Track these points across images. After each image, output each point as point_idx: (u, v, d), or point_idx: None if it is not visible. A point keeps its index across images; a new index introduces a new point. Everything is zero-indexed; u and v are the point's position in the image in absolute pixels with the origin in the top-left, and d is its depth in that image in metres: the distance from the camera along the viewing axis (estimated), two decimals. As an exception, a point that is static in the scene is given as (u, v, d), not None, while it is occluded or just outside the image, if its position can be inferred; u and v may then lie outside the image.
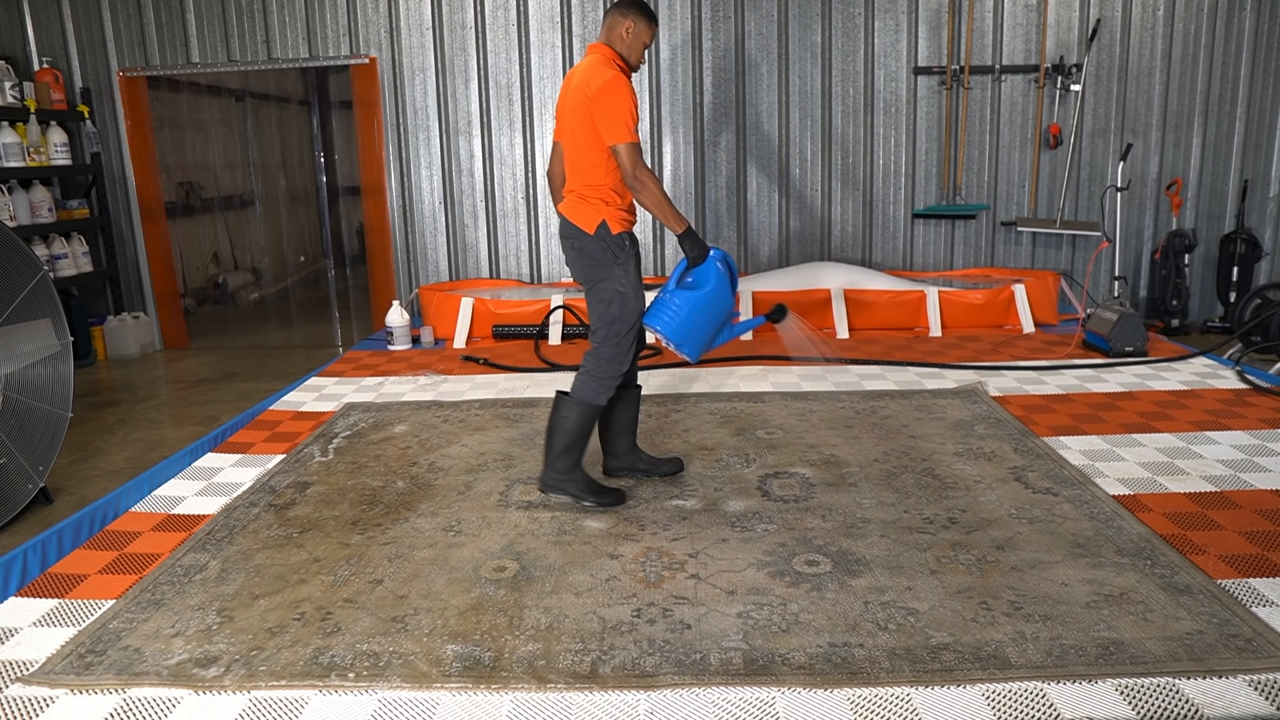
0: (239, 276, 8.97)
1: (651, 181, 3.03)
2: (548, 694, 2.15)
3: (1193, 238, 6.35)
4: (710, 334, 3.23)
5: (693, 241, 3.12)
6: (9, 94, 6.01)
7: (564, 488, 3.22)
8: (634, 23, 3.17)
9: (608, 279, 3.15)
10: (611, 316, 3.16)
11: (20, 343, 3.61)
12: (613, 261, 3.14)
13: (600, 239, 3.12)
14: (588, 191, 3.13)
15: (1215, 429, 3.85)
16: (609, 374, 3.19)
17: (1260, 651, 2.20)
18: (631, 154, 3.01)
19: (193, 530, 3.17)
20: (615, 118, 3.01)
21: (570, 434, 3.18)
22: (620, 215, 3.16)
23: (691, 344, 3.19)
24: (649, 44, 3.26)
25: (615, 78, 3.04)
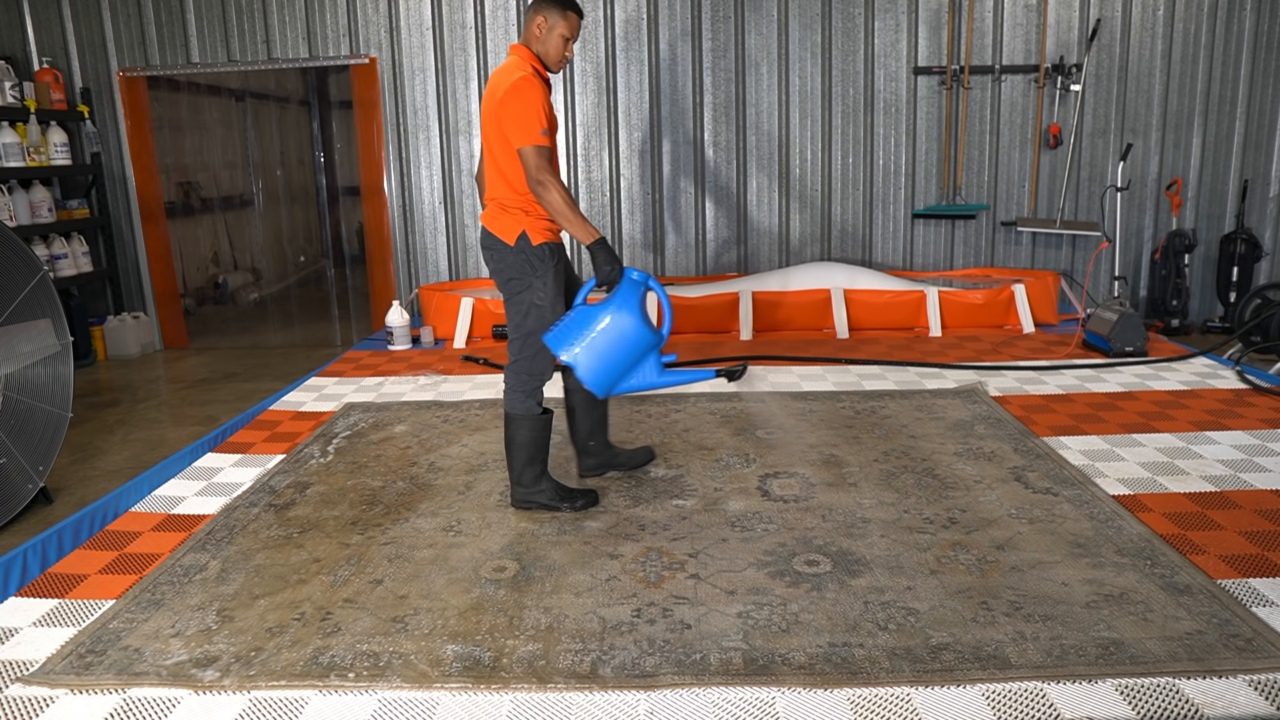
0: (239, 276, 8.96)
1: (556, 186, 2.86)
2: (548, 694, 2.15)
3: (1193, 238, 6.35)
4: (621, 367, 2.87)
5: (605, 255, 2.91)
6: (9, 94, 6.01)
7: (535, 499, 3.18)
8: (545, 17, 3.01)
9: (526, 291, 3.05)
10: (527, 329, 3.08)
11: (20, 343, 3.61)
12: (531, 274, 3.03)
13: (520, 250, 3.01)
14: (508, 201, 3.04)
15: (1215, 429, 3.85)
16: (530, 384, 3.13)
17: (1260, 651, 2.20)
18: (536, 157, 2.87)
19: (193, 530, 3.17)
20: (521, 120, 2.89)
21: (525, 447, 3.14)
22: (543, 224, 3.04)
23: (594, 374, 2.83)
24: (570, 37, 3.06)
25: (522, 79, 2.93)
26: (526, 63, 3.03)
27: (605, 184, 6.74)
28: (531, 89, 2.92)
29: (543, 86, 2.99)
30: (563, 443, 3.66)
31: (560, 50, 3.07)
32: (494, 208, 3.08)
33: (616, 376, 2.89)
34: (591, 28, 6.52)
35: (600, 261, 2.92)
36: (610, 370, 2.87)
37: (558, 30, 3.04)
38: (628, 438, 3.93)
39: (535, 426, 3.14)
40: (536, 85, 2.95)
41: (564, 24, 3.04)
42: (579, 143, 6.68)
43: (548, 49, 3.06)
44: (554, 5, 3.02)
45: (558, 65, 3.10)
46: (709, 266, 6.84)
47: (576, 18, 3.08)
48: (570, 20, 3.05)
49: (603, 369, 2.85)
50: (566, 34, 3.05)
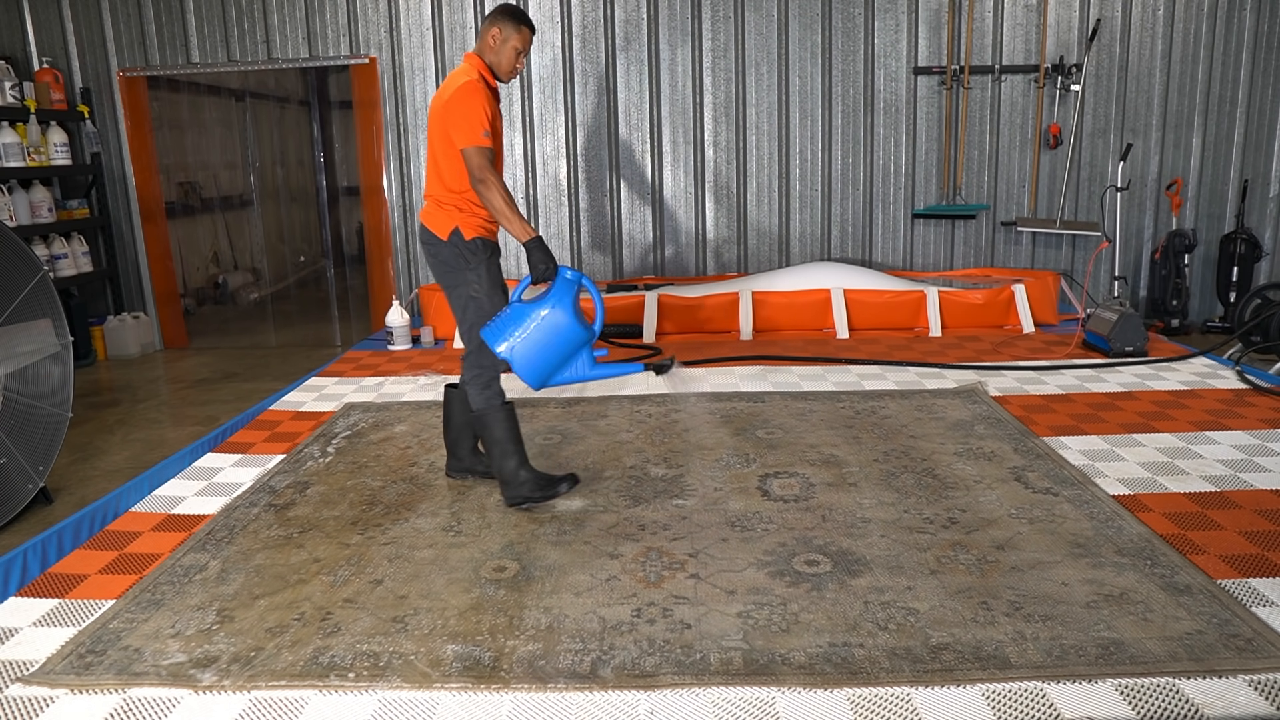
0: (239, 276, 8.97)
1: (497, 186, 2.98)
2: (548, 694, 2.15)
3: (1193, 238, 6.35)
4: (554, 362, 3.00)
5: (541, 254, 3.02)
6: (9, 94, 6.01)
7: (522, 492, 3.24)
8: (500, 29, 3.14)
9: (462, 285, 3.18)
10: (469, 322, 3.20)
11: (20, 343, 3.61)
12: (465, 267, 3.15)
13: (453, 244, 3.14)
14: (444, 198, 3.15)
15: (1215, 429, 3.85)
16: (485, 376, 3.23)
17: (1260, 651, 2.20)
18: (478, 157, 2.98)
19: (193, 530, 3.17)
20: (465, 122, 3.00)
21: (500, 442, 3.22)
22: (477, 221, 3.15)
23: (528, 368, 2.97)
24: (522, 50, 3.19)
25: (469, 84, 3.04)
26: (476, 70, 3.14)
27: (605, 184, 6.74)
28: (477, 94, 3.04)
29: (489, 93, 3.12)
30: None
31: (512, 62, 3.20)
32: (431, 204, 3.20)
33: (551, 370, 3.03)
34: (592, 28, 6.52)
35: (535, 260, 3.02)
36: (545, 364, 3.00)
37: (511, 43, 3.17)
38: (628, 437, 3.93)
39: (504, 418, 3.22)
40: (483, 91, 3.07)
41: (518, 37, 3.17)
42: (579, 142, 6.68)
43: (500, 59, 3.18)
44: (510, 19, 3.16)
45: (508, 75, 3.23)
46: (709, 266, 6.84)
47: (529, 32, 3.22)
48: (524, 34, 3.19)
49: (538, 362, 2.99)
50: (519, 47, 3.19)
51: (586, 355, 3.07)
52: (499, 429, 3.21)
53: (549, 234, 6.81)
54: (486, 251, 3.18)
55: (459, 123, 3.01)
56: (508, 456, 3.22)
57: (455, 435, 3.50)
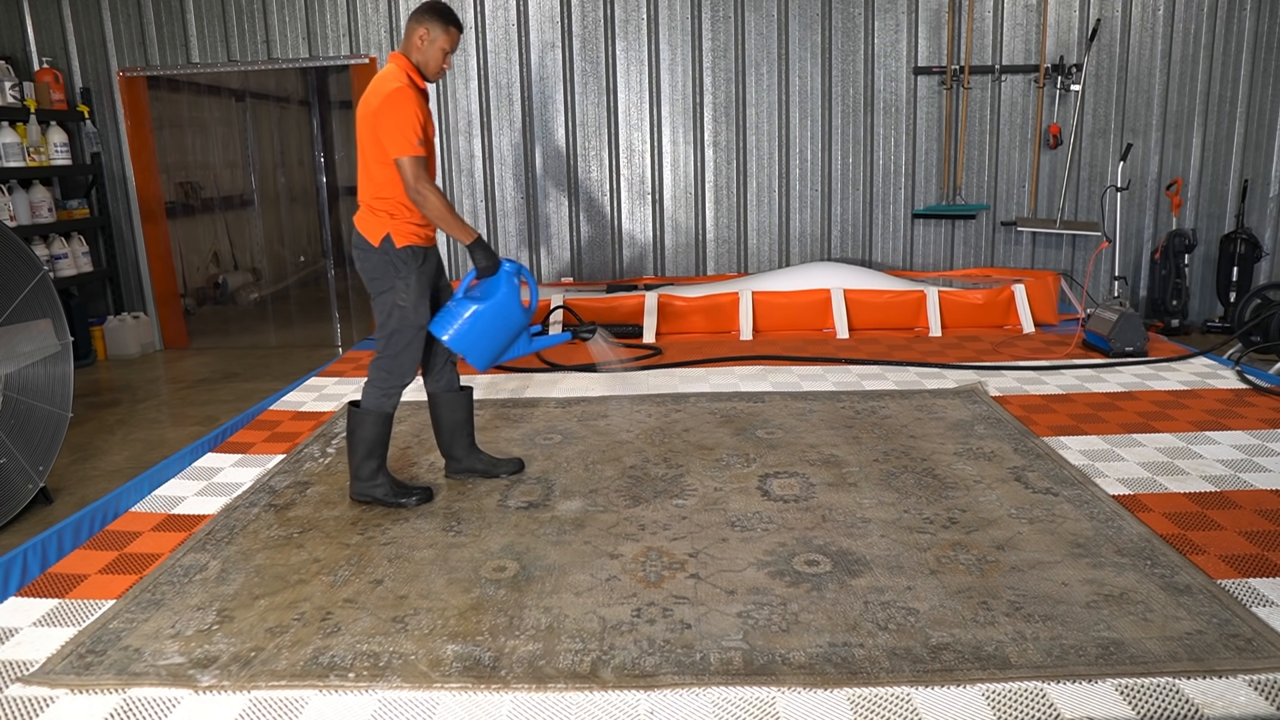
0: (239, 276, 8.97)
1: (433, 194, 3.00)
2: (548, 694, 2.15)
3: (1193, 238, 6.35)
4: (499, 345, 3.24)
5: (483, 253, 3.14)
6: (9, 94, 6.01)
7: (372, 494, 3.27)
8: (428, 29, 3.10)
9: (389, 291, 3.17)
10: (390, 329, 3.19)
11: (20, 343, 3.61)
12: (394, 275, 3.15)
13: (384, 252, 3.13)
14: (376, 204, 3.14)
15: (1215, 429, 3.85)
16: (389, 383, 3.24)
17: (1260, 651, 2.20)
18: (413, 167, 2.98)
19: (193, 530, 3.17)
20: (397, 131, 2.98)
21: (367, 442, 3.24)
22: (410, 228, 3.13)
23: (475, 353, 3.19)
24: (450, 50, 3.16)
25: (399, 90, 3.01)
26: (404, 72, 3.11)
27: (605, 183, 6.74)
28: (407, 99, 3.02)
29: (419, 96, 3.09)
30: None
31: (439, 62, 3.17)
32: (363, 209, 3.20)
33: (497, 352, 3.26)
34: (592, 28, 6.52)
35: (479, 258, 3.15)
36: (492, 347, 3.23)
37: (439, 43, 3.14)
38: (628, 437, 3.93)
39: (378, 423, 3.25)
40: (412, 95, 3.05)
41: (445, 37, 3.14)
42: (579, 143, 6.68)
43: (427, 59, 3.15)
44: (437, 19, 3.12)
45: (435, 75, 3.20)
46: (709, 266, 6.84)
47: (457, 32, 3.19)
48: (451, 34, 3.16)
49: (485, 347, 3.21)
50: (446, 47, 3.16)
51: (525, 335, 3.33)
52: (374, 432, 3.24)
53: (549, 234, 6.82)
54: (417, 260, 3.15)
55: (391, 132, 2.99)
56: (371, 457, 3.26)
57: (448, 438, 3.51)
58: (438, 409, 3.49)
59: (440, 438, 3.53)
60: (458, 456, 3.53)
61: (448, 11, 3.14)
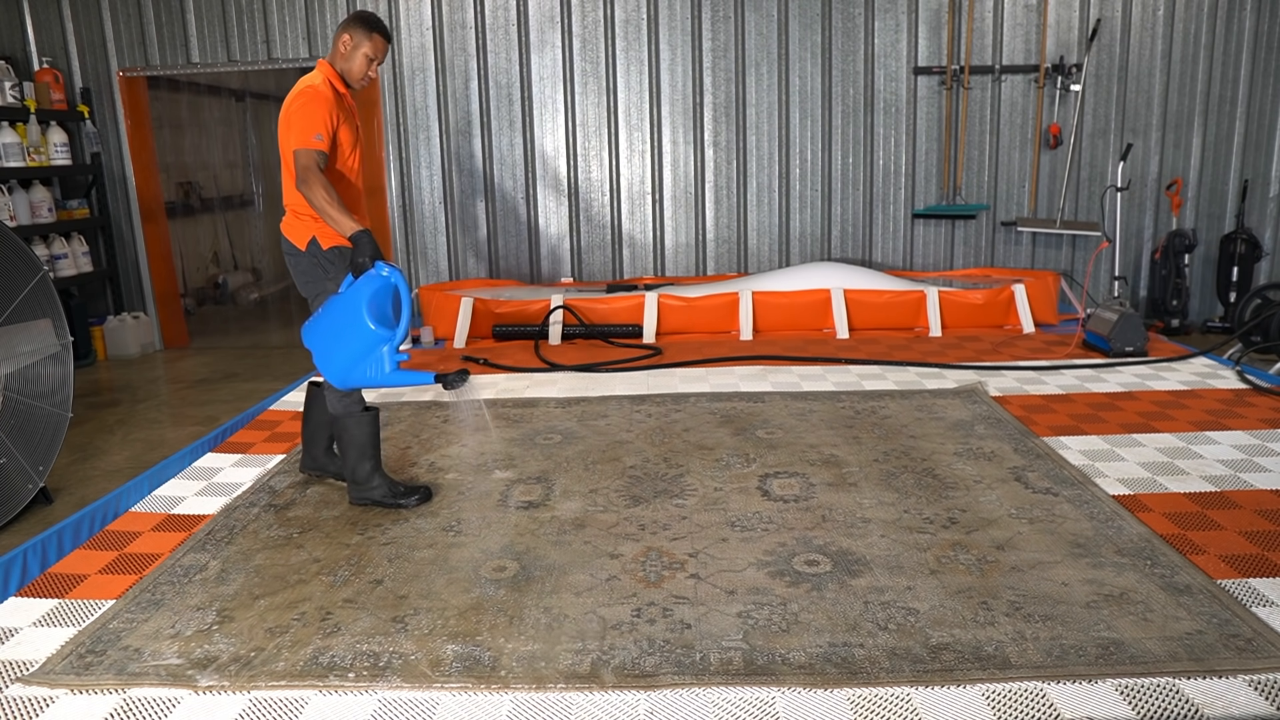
0: (239, 276, 8.97)
1: (318, 186, 2.94)
2: (548, 694, 2.15)
3: (1193, 238, 6.35)
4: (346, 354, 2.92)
5: (359, 249, 2.92)
6: (9, 94, 6.01)
7: (370, 495, 3.28)
8: (352, 36, 3.14)
9: (322, 294, 3.19)
10: None
11: (20, 343, 3.61)
12: (324, 276, 3.17)
13: (311, 254, 3.15)
14: (300, 208, 3.14)
15: (1215, 429, 3.85)
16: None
17: (1260, 651, 2.20)
18: (305, 158, 2.97)
19: (193, 530, 3.17)
20: (298, 123, 3.00)
21: (357, 445, 3.25)
22: (333, 230, 3.09)
23: (324, 358, 2.98)
24: (375, 58, 3.17)
25: (309, 88, 3.05)
26: (324, 77, 3.15)
27: (605, 184, 6.74)
28: (316, 97, 3.04)
29: (331, 97, 3.10)
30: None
31: (363, 69, 3.19)
32: (289, 214, 3.21)
33: (343, 365, 2.96)
34: (592, 28, 6.52)
35: (358, 253, 2.94)
36: (340, 358, 2.95)
37: (362, 50, 3.16)
38: (628, 437, 3.93)
39: (362, 424, 3.24)
40: (325, 97, 3.07)
41: (369, 45, 3.16)
42: (579, 142, 6.68)
43: (351, 66, 3.18)
44: (361, 26, 3.16)
45: (359, 82, 3.23)
46: (709, 266, 6.84)
47: (382, 40, 3.20)
48: (376, 42, 3.18)
49: (334, 357, 2.98)
50: (371, 54, 3.18)
51: (389, 357, 2.90)
52: (359, 433, 3.24)
53: (549, 234, 6.81)
54: (345, 259, 3.14)
55: (295, 125, 3.01)
56: (364, 459, 3.27)
57: (311, 432, 3.54)
58: (310, 403, 3.51)
59: (304, 430, 3.57)
60: (314, 454, 3.57)
61: (373, 21, 3.19)
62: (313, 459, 3.57)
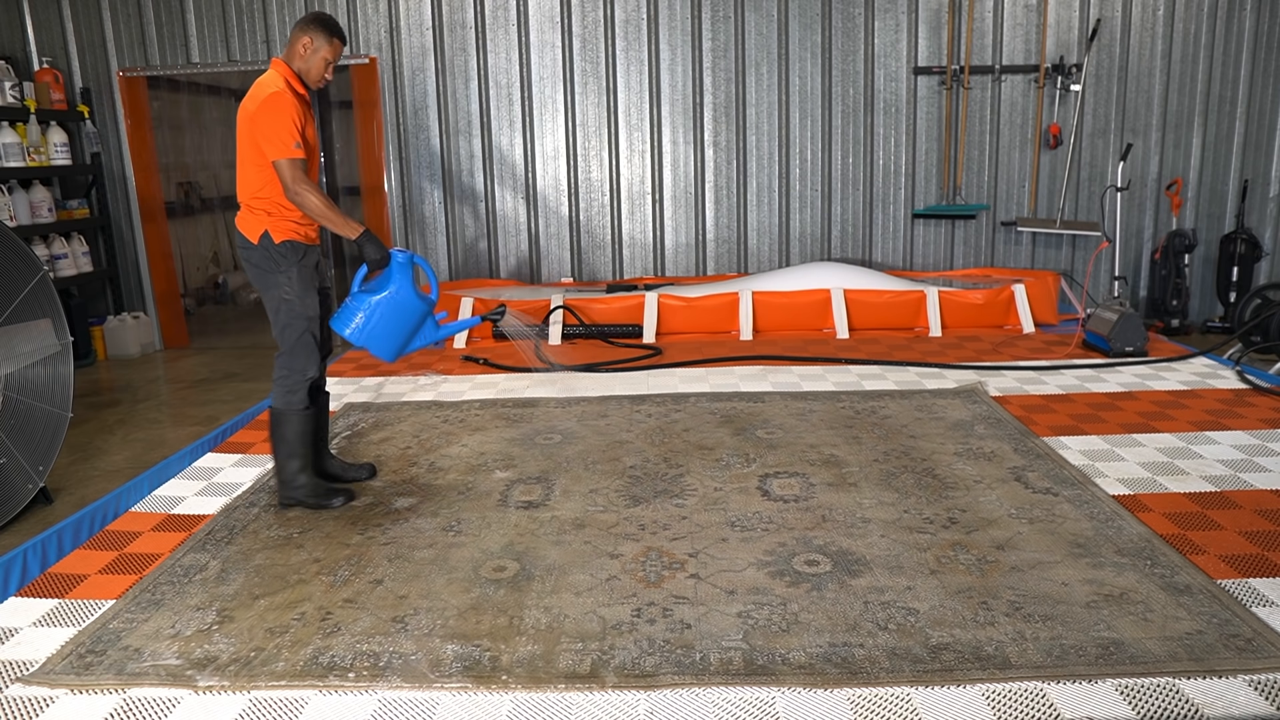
0: (239, 276, 8.96)
1: (312, 194, 3.05)
2: (548, 694, 2.15)
3: (1193, 238, 6.35)
4: (403, 335, 3.28)
5: (372, 246, 3.17)
6: (9, 94, 6.01)
7: (295, 495, 3.30)
8: (312, 39, 3.16)
9: (274, 287, 3.21)
10: (281, 323, 3.24)
11: (20, 343, 3.61)
12: (276, 270, 3.19)
13: (263, 248, 3.17)
14: (254, 203, 3.17)
15: (1215, 429, 3.85)
16: (291, 379, 3.27)
17: (1260, 651, 2.20)
18: (291, 170, 3.03)
19: (193, 530, 3.17)
20: (274, 134, 3.03)
21: (288, 443, 3.28)
22: (288, 225, 3.17)
23: (380, 345, 3.24)
24: (332, 60, 3.22)
25: (276, 94, 3.07)
26: (283, 78, 3.16)
27: (605, 184, 6.74)
28: (285, 104, 3.07)
29: (296, 102, 3.13)
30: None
31: (321, 71, 3.23)
32: (243, 209, 3.23)
33: (402, 342, 3.30)
34: (592, 28, 6.52)
35: (369, 251, 3.18)
36: (395, 338, 3.27)
37: (321, 53, 3.19)
38: (628, 437, 3.93)
39: (297, 422, 3.27)
40: (290, 100, 3.09)
41: (328, 48, 3.20)
42: (579, 142, 6.68)
43: (309, 68, 3.20)
44: (322, 30, 3.19)
45: (316, 83, 3.25)
46: (709, 266, 6.84)
47: (340, 44, 3.24)
48: (335, 45, 3.22)
49: (389, 339, 3.26)
50: (329, 57, 3.22)
51: (430, 322, 3.35)
52: (291, 431, 3.26)
53: (549, 234, 6.81)
54: (297, 254, 3.19)
55: (269, 135, 3.04)
56: (293, 458, 3.29)
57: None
58: None
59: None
60: (320, 467, 3.53)
61: (332, 24, 3.21)
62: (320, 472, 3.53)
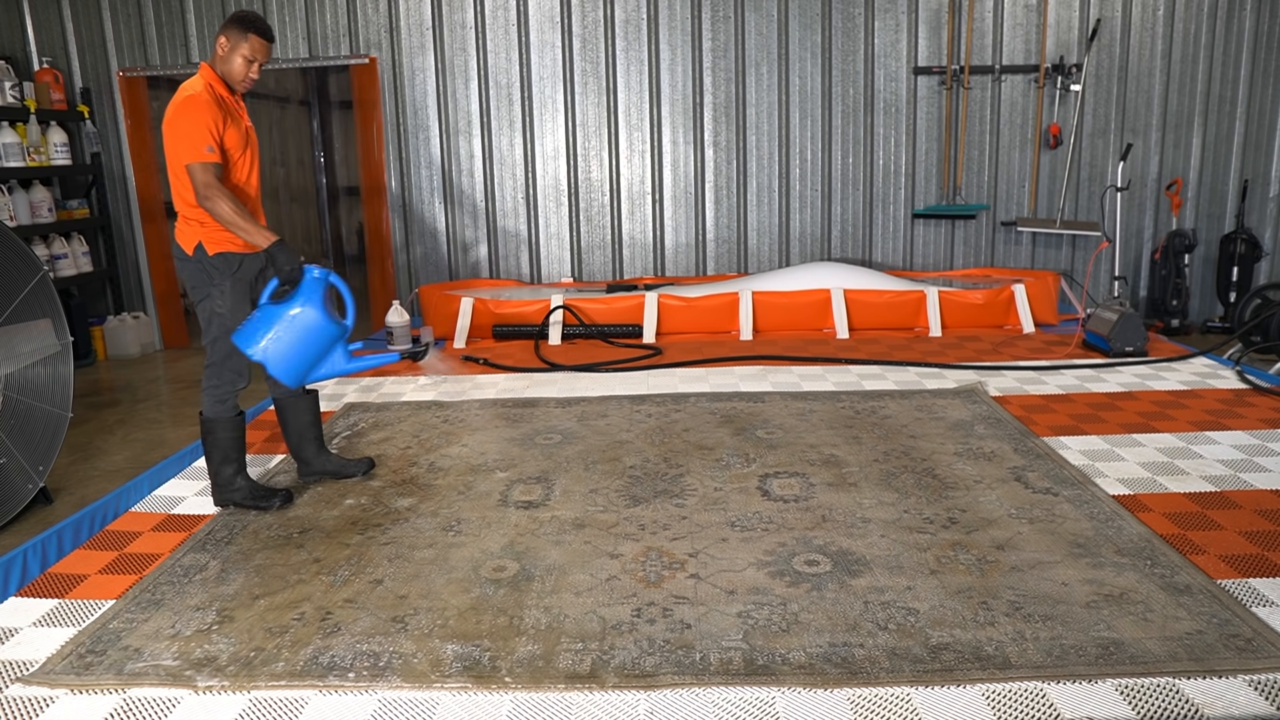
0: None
1: (222, 200, 2.96)
2: (548, 694, 2.15)
3: (1193, 238, 6.35)
4: (308, 358, 3.07)
5: (284, 257, 3.01)
6: (9, 94, 6.01)
7: (232, 497, 3.30)
8: (228, 38, 3.11)
9: (206, 299, 3.18)
10: (212, 335, 3.20)
11: (20, 343, 3.61)
12: (209, 282, 3.15)
13: (197, 260, 3.13)
14: (187, 212, 3.12)
15: (1215, 429, 3.85)
16: (220, 390, 3.25)
17: (1260, 651, 2.20)
18: (201, 173, 2.95)
19: (193, 530, 3.17)
20: (184, 137, 2.98)
21: (221, 449, 3.27)
22: (223, 236, 3.10)
23: (281, 366, 3.03)
24: (254, 59, 3.13)
25: (189, 98, 3.01)
26: (204, 80, 3.11)
27: (605, 184, 6.74)
28: (199, 107, 3.01)
29: (213, 104, 3.05)
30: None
31: (244, 71, 3.15)
32: (179, 220, 3.18)
33: (306, 367, 3.09)
34: (592, 28, 6.52)
35: (281, 262, 3.01)
36: (299, 362, 3.06)
37: (240, 51, 3.12)
38: (628, 437, 3.93)
39: (228, 428, 3.27)
40: (205, 102, 3.03)
41: (246, 46, 3.11)
42: (579, 143, 6.68)
43: (230, 69, 3.14)
44: (237, 27, 3.11)
45: (241, 84, 3.18)
46: (709, 266, 6.84)
47: (260, 40, 3.15)
48: (253, 42, 3.12)
49: (292, 361, 3.04)
50: (249, 55, 3.13)
51: (342, 350, 3.15)
52: (224, 437, 3.26)
53: (549, 234, 6.81)
54: (230, 267, 3.14)
55: (180, 138, 2.98)
56: (227, 463, 3.29)
57: (296, 441, 3.54)
58: (283, 413, 3.51)
59: (289, 441, 3.56)
60: (307, 459, 3.56)
61: (249, 21, 3.14)
62: (308, 465, 3.56)
